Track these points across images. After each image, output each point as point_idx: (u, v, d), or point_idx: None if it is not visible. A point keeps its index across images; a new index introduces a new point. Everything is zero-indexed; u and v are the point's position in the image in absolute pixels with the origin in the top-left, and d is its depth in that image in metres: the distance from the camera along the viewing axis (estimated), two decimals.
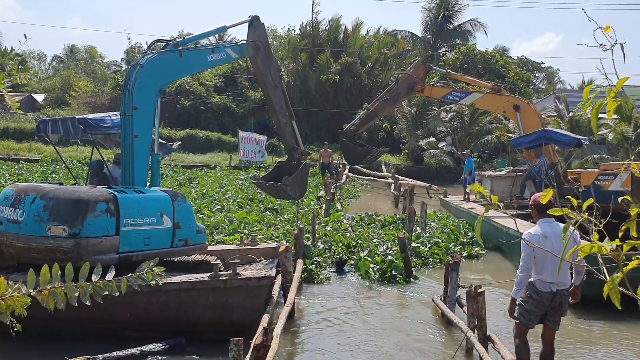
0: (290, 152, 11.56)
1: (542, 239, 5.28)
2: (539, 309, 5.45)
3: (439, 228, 15.63)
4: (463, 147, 33.11)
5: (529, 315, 5.50)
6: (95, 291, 2.52)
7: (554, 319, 5.55)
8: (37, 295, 2.42)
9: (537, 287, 5.39)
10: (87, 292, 2.50)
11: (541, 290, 5.39)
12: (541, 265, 5.33)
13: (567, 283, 5.43)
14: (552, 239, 5.25)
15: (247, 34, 10.66)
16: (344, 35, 44.30)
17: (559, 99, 34.90)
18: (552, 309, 5.48)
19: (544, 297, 5.40)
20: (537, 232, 5.37)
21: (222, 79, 42.84)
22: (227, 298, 7.63)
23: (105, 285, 2.54)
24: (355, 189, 26.21)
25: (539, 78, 64.27)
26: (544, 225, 5.40)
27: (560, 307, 5.48)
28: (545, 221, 5.42)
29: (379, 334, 8.23)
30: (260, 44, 10.53)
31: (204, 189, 20.94)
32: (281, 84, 11.12)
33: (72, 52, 72.31)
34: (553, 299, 5.40)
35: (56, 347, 6.79)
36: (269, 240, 12.92)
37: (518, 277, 5.47)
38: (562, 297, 5.42)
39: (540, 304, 5.43)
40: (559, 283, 5.36)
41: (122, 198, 7.87)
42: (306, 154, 11.79)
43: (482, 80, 19.50)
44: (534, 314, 5.48)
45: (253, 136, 31.18)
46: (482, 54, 41.98)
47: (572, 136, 16.27)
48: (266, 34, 11.03)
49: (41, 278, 2.41)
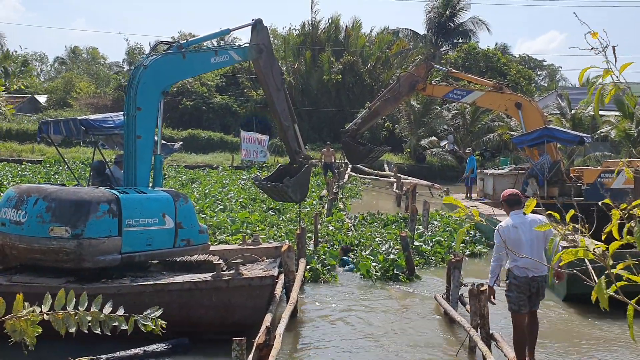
0: (293, 156, 11.54)
1: (512, 229, 5.84)
2: (523, 294, 5.92)
3: (442, 227, 15.62)
4: (465, 145, 33.11)
5: (518, 302, 5.96)
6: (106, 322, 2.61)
7: (534, 302, 6.11)
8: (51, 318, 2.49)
9: (514, 273, 5.92)
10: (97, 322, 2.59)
11: (518, 275, 5.90)
12: (515, 255, 5.69)
13: (542, 270, 5.84)
14: (522, 228, 5.79)
15: (250, 37, 10.69)
16: (345, 34, 44.29)
17: (561, 96, 34.86)
18: (533, 294, 5.97)
19: (521, 281, 5.89)
20: (508, 224, 5.93)
21: (223, 78, 42.87)
22: (230, 298, 7.64)
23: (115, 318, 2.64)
24: (357, 188, 26.21)
25: (541, 76, 64.21)
26: (514, 217, 5.95)
27: (538, 292, 5.98)
28: (515, 213, 5.97)
29: (381, 333, 8.23)
30: (263, 47, 10.55)
31: (206, 189, 20.97)
32: (284, 87, 11.12)
33: (74, 53, 72.40)
34: (531, 284, 5.88)
35: (58, 348, 6.79)
36: (272, 240, 12.92)
37: (491, 266, 6.10)
38: (538, 284, 5.92)
39: (521, 288, 5.91)
40: (534, 269, 5.83)
41: (124, 199, 7.89)
42: (309, 158, 11.80)
43: (484, 79, 19.48)
44: (521, 299, 5.96)
45: (255, 136, 31.22)
46: (483, 52, 41.94)
47: (574, 134, 16.27)
48: (269, 37, 11.05)
49: (56, 302, 2.48)
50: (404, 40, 47.47)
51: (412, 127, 34.39)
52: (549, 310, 9.70)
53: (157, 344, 7.11)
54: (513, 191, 6.38)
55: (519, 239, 5.69)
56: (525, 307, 6.00)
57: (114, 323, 2.59)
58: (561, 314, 9.46)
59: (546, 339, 8.17)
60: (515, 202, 6.02)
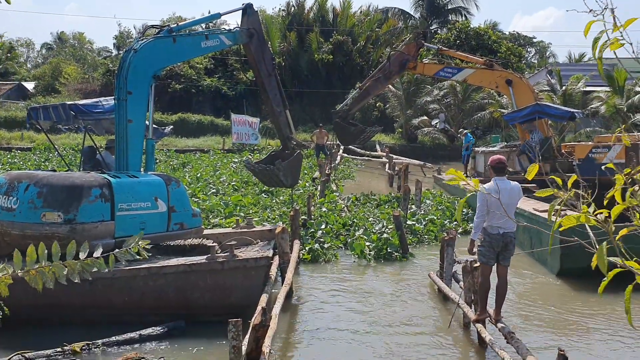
0: (284, 142, 11.51)
1: (494, 192, 6.34)
2: (493, 248, 6.61)
3: (434, 205, 15.67)
4: (457, 124, 33.11)
5: (487, 254, 6.65)
6: (84, 269, 2.51)
7: (504, 257, 6.69)
8: (25, 275, 2.40)
9: (488, 231, 6.57)
10: (76, 270, 2.49)
11: (491, 233, 6.55)
12: (492, 213, 6.46)
13: (512, 228, 6.56)
14: (503, 193, 6.40)
15: (240, 22, 10.59)
16: (334, 14, 43.93)
17: (551, 72, 34.86)
18: (503, 249, 6.62)
19: (494, 238, 6.56)
20: (491, 187, 6.49)
21: (212, 61, 42.46)
22: (225, 280, 7.65)
23: (94, 262, 2.53)
24: (350, 169, 26.21)
25: (531, 53, 64.05)
26: (498, 182, 6.55)
27: (508, 247, 6.63)
28: (498, 179, 6.59)
29: (375, 312, 8.29)
30: (254, 32, 10.46)
31: (198, 173, 20.89)
32: (275, 73, 11.05)
33: (61, 39, 71.48)
34: (502, 240, 6.56)
35: (55, 334, 6.81)
36: (265, 222, 12.92)
37: (474, 222, 6.71)
38: (508, 238, 6.57)
39: (492, 245, 6.59)
40: (505, 227, 6.51)
41: (116, 183, 7.86)
42: (301, 144, 11.76)
43: (475, 56, 19.43)
44: (491, 253, 6.64)
45: (246, 119, 31.08)
46: (475, 30, 41.74)
47: (565, 109, 16.30)
48: (260, 21, 10.95)
49: (28, 258, 2.39)
50: (393, 20, 47.14)
51: (403, 107, 34.31)
52: (542, 284, 9.82)
53: (153, 327, 7.14)
54: (501, 158, 6.80)
55: (498, 202, 6.21)
56: (493, 259, 6.70)
57: (93, 269, 2.51)
58: (553, 287, 9.56)
59: (534, 307, 8.28)
60: (500, 169, 6.63)
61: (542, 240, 10.51)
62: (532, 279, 10.12)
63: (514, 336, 6.18)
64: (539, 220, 10.78)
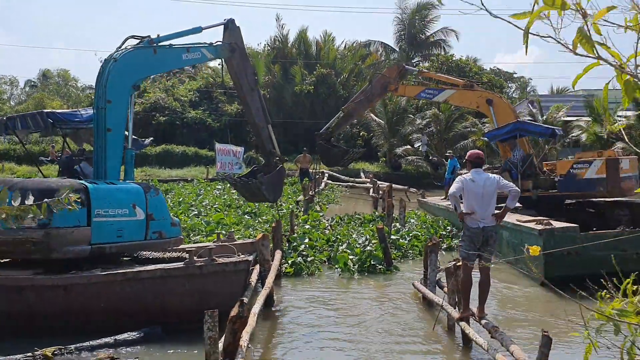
0: (267, 157, 11.42)
1: (470, 182, 6.77)
2: (474, 244, 6.70)
3: (419, 225, 15.59)
4: (439, 153, 33.29)
5: (468, 250, 6.74)
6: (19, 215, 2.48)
7: (486, 251, 6.74)
8: None
9: (468, 225, 6.75)
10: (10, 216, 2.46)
11: (471, 227, 6.70)
12: (470, 204, 6.70)
13: (492, 222, 6.70)
14: (478, 182, 6.74)
15: (222, 37, 10.60)
16: (317, 47, 44.49)
17: (532, 102, 35.34)
18: (483, 244, 6.70)
19: (474, 232, 6.68)
20: (467, 177, 6.88)
21: (197, 94, 42.62)
22: (204, 285, 7.49)
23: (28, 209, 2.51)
24: (334, 194, 26.13)
25: (512, 88, 65.07)
26: (473, 173, 6.88)
27: (488, 242, 6.71)
28: (475, 171, 6.90)
29: (359, 319, 8.14)
30: (235, 47, 10.46)
31: (181, 198, 20.67)
32: (257, 87, 11.03)
33: (45, 76, 71.49)
34: (482, 234, 6.66)
35: (30, 343, 6.55)
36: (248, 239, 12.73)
37: (450, 194, 7.08)
38: (488, 233, 6.67)
39: (472, 239, 6.70)
40: (485, 220, 6.66)
41: (93, 188, 7.73)
42: (283, 159, 11.66)
43: (455, 78, 19.67)
44: (471, 248, 6.73)
45: (230, 148, 30.95)
46: (456, 62, 42.44)
47: (545, 127, 16.46)
48: (242, 37, 10.90)
49: None
50: (376, 55, 47.85)
51: (387, 136, 34.51)
52: (526, 289, 9.73)
53: (129, 332, 6.92)
54: (479, 153, 7.15)
55: (474, 191, 6.66)
56: (474, 256, 6.76)
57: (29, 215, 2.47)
58: (538, 295, 9.47)
59: (519, 314, 8.17)
60: (477, 164, 6.98)
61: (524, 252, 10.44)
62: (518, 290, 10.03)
63: (498, 329, 6.08)
64: (522, 230, 10.76)
